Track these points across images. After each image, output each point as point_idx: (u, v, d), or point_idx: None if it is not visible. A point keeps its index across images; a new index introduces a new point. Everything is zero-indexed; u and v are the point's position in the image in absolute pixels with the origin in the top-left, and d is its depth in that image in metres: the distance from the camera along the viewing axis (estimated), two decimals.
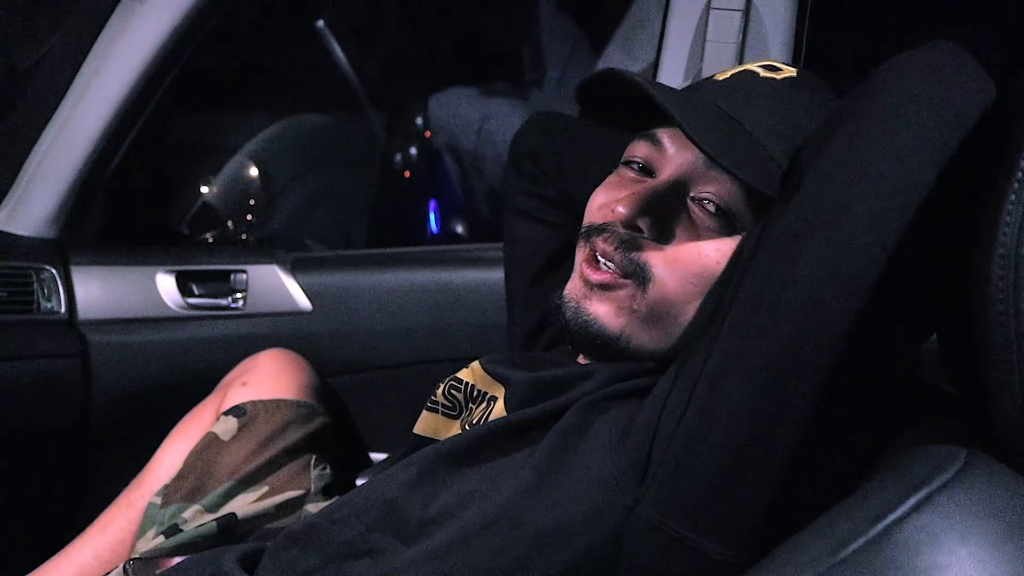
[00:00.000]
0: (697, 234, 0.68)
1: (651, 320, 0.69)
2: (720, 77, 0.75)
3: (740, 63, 1.04)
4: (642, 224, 0.68)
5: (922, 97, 0.53)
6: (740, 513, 0.57)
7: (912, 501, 0.45)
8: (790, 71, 0.73)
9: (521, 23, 2.23)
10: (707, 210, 0.68)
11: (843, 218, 0.53)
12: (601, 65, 1.93)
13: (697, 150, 0.67)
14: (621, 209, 0.68)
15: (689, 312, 0.68)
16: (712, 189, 0.68)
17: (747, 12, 1.06)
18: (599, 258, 0.70)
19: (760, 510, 0.56)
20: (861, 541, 0.45)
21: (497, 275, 1.29)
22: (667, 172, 0.70)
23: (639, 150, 0.73)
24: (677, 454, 0.59)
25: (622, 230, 0.69)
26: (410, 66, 2.32)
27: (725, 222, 0.67)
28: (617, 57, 1.86)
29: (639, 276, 0.68)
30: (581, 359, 0.78)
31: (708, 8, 1.07)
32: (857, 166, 0.53)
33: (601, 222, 0.72)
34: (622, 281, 0.69)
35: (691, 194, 0.69)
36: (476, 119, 2.13)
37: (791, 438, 0.55)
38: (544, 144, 1.00)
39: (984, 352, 0.50)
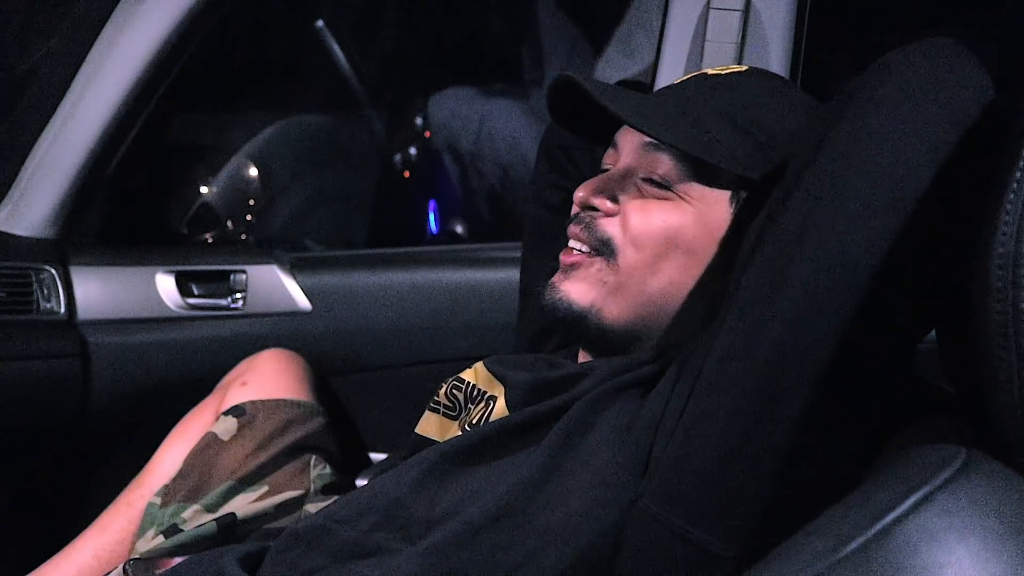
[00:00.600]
0: (645, 204, 0.73)
1: (619, 289, 0.73)
2: (676, 81, 0.81)
3: (739, 63, 1.05)
4: (596, 202, 0.74)
5: (922, 93, 0.54)
6: (739, 508, 0.57)
7: (912, 500, 0.45)
8: (740, 68, 0.78)
9: (521, 23, 2.23)
10: (652, 183, 0.73)
11: (841, 213, 0.53)
12: (601, 65, 1.93)
13: (642, 140, 0.73)
14: (580, 194, 0.75)
15: (654, 281, 0.72)
16: (655, 167, 0.73)
17: (746, 12, 1.06)
18: (570, 244, 0.76)
19: (759, 506, 0.57)
20: (860, 540, 0.45)
21: (498, 275, 1.30)
22: (620, 160, 0.76)
23: (607, 157, 0.79)
24: (678, 449, 0.59)
25: (584, 213, 0.75)
26: (410, 66, 2.32)
27: (669, 193, 0.72)
28: (617, 57, 1.86)
29: (606, 249, 0.73)
30: (581, 357, 0.79)
31: (707, 8, 1.07)
32: (856, 162, 0.54)
33: (573, 214, 0.77)
34: (591, 259, 0.74)
35: (640, 175, 0.74)
36: (476, 119, 2.13)
37: (789, 433, 0.56)
38: (580, 138, 1.00)
39: (983, 351, 0.50)
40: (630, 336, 0.74)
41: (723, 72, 0.77)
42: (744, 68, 0.78)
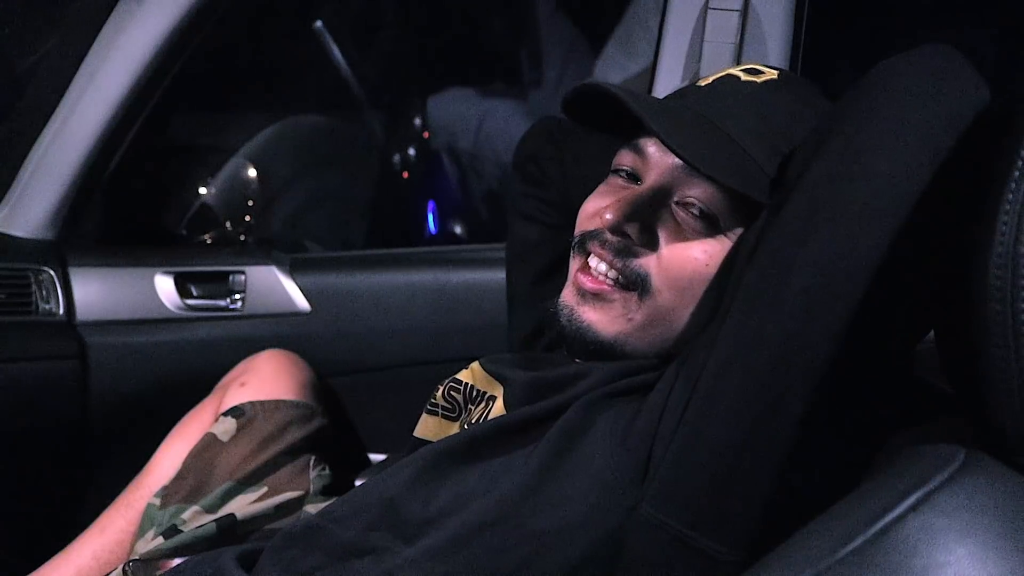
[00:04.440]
0: (684, 237, 0.69)
1: (647, 327, 0.71)
2: (703, 83, 0.76)
3: (738, 63, 1.04)
4: (630, 230, 0.70)
5: (918, 98, 0.54)
6: (739, 512, 0.57)
7: (911, 500, 0.45)
8: (772, 73, 0.74)
9: (520, 23, 2.23)
10: (692, 213, 0.69)
11: (840, 217, 0.54)
12: (600, 65, 1.93)
13: (676, 163, 0.69)
14: (609, 216, 0.69)
15: (683, 316, 0.70)
16: (695, 193, 0.69)
17: (745, 12, 1.06)
18: (592, 266, 0.72)
19: (759, 509, 0.57)
20: (860, 540, 0.45)
21: (496, 275, 1.29)
22: (651, 178, 0.72)
23: (625, 159, 0.75)
24: (677, 453, 0.59)
25: (612, 237, 0.70)
26: (409, 66, 2.32)
27: (709, 224, 0.69)
28: (616, 57, 1.86)
29: (640, 287, 0.70)
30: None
31: (706, 8, 1.07)
32: (854, 165, 0.54)
33: (592, 229, 0.73)
34: (620, 292, 0.70)
35: (675, 198, 0.70)
36: (474, 120, 2.13)
37: (789, 437, 0.55)
38: (548, 148, 1.01)
39: (982, 352, 0.50)
40: (648, 355, 0.73)
41: (757, 80, 0.73)
42: (777, 75, 0.74)
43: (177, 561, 0.85)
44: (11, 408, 1.18)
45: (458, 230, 2.26)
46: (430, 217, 2.19)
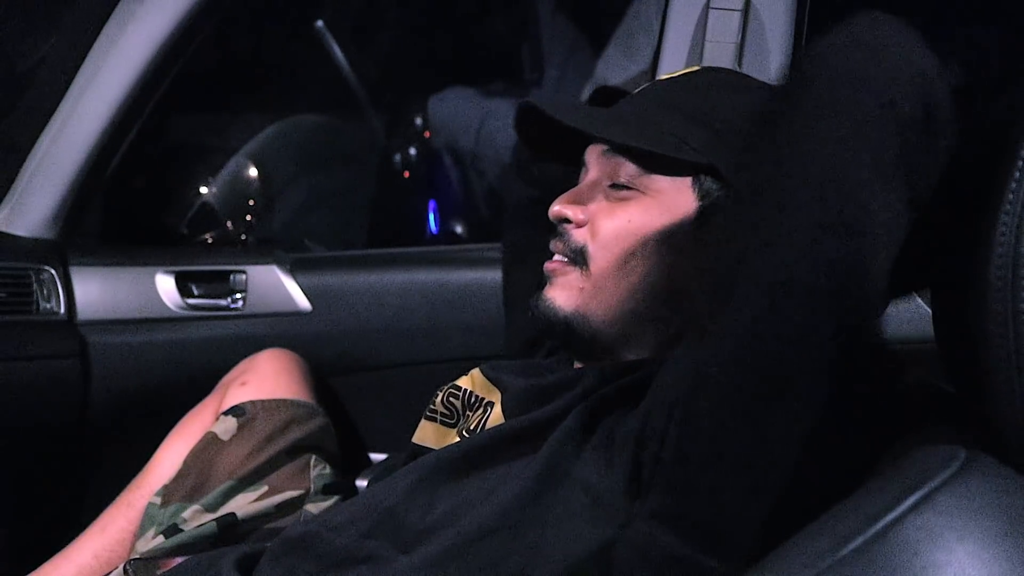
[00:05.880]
0: (612, 209, 0.75)
1: (596, 292, 0.74)
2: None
3: (739, 63, 1.05)
4: (568, 213, 0.76)
5: (857, 80, 0.51)
6: (734, 527, 0.56)
7: (911, 500, 0.45)
8: (692, 69, 0.81)
9: (520, 23, 2.23)
10: (616, 186, 0.75)
11: (781, 217, 0.51)
12: (600, 65, 1.93)
13: (602, 149, 0.76)
14: (554, 208, 0.77)
15: (629, 278, 0.73)
16: (617, 172, 0.75)
17: (746, 12, 1.06)
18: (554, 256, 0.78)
19: (754, 524, 0.56)
20: (860, 540, 0.45)
21: (496, 275, 1.29)
22: (588, 175, 0.78)
23: (581, 176, 0.80)
24: (668, 469, 0.59)
25: (561, 226, 0.77)
26: (409, 66, 2.32)
27: (629, 193, 0.75)
28: (616, 57, 1.85)
29: (580, 259, 0.75)
30: (576, 364, 0.79)
31: (707, 8, 1.07)
32: (792, 159, 0.52)
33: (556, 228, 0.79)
34: (569, 268, 0.76)
35: (607, 183, 0.76)
36: (475, 119, 2.13)
37: (783, 450, 0.54)
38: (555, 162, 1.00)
39: (983, 352, 0.50)
40: (622, 334, 0.74)
41: (675, 74, 0.80)
42: (696, 68, 0.82)
43: (178, 560, 0.86)
44: (11, 408, 1.18)
45: (459, 230, 2.26)
46: (431, 217, 2.19)
